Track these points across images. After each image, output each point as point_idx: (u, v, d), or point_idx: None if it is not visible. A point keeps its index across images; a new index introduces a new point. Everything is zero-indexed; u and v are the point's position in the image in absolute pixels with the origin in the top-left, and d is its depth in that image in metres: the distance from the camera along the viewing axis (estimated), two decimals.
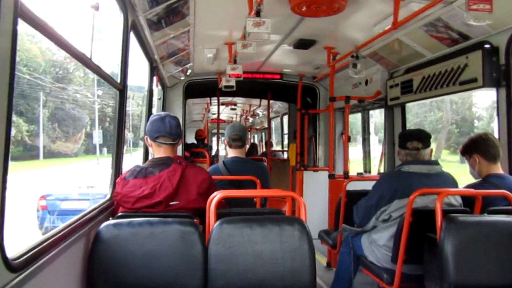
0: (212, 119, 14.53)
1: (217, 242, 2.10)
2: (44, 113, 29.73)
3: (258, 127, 15.44)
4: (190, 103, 10.26)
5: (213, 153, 8.92)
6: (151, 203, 2.34)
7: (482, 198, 2.66)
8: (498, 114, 3.10)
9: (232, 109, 11.82)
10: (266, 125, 13.40)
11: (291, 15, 3.37)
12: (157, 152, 2.56)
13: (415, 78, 4.04)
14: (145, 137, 2.61)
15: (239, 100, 10.16)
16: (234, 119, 13.98)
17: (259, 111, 11.39)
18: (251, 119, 13.89)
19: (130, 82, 2.99)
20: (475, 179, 3.01)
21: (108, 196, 2.60)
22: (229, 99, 9.72)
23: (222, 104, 10.23)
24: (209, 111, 10.15)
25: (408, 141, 3.01)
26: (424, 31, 3.49)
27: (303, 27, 3.93)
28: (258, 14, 2.87)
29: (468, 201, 2.82)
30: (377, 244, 3.00)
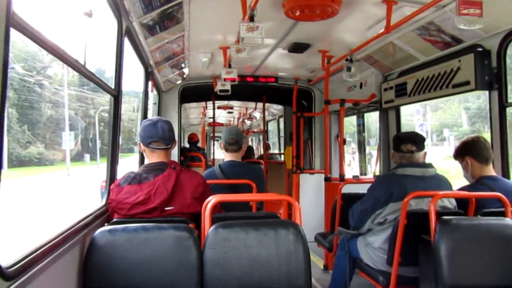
0: (209, 123, 14.55)
1: (212, 247, 2.10)
2: (11, 113, 24.53)
3: (256, 130, 15.46)
4: (187, 107, 10.27)
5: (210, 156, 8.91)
6: (146, 209, 2.34)
7: (475, 200, 2.68)
8: (490, 117, 3.13)
9: (229, 112, 11.83)
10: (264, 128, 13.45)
11: (285, 20, 3.40)
12: (151, 157, 2.56)
13: (409, 81, 4.07)
14: (138, 142, 2.61)
15: (235, 103, 10.17)
16: (232, 122, 13.97)
17: (256, 114, 11.40)
18: (248, 122, 13.89)
19: (125, 87, 3.00)
20: (468, 182, 3.04)
21: (103, 202, 2.60)
22: (225, 102, 9.73)
23: (219, 107, 10.23)
24: (205, 115, 10.15)
25: (402, 144, 3.03)
26: (417, 34, 3.51)
27: (297, 31, 3.96)
28: (251, 19, 2.89)
29: (462, 203, 2.84)
30: (373, 246, 3.02)
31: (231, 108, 10.80)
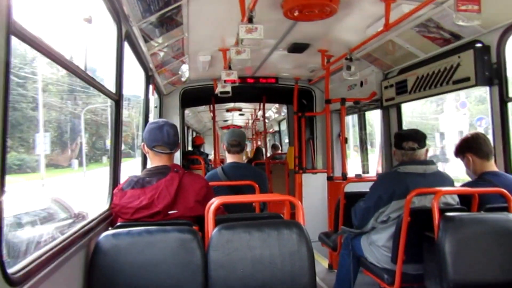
0: (223, 126, 14.60)
1: (216, 248, 2.11)
2: None
3: (270, 131, 15.43)
4: (195, 111, 10.24)
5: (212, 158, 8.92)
6: (150, 213, 2.34)
7: (478, 196, 2.68)
8: (491, 112, 3.12)
9: (240, 114, 11.81)
10: (276, 128, 13.46)
11: (284, 20, 3.40)
12: (154, 160, 2.56)
13: (409, 78, 4.07)
14: (142, 144, 2.62)
15: (244, 105, 10.13)
16: (248, 124, 13.96)
17: (269, 114, 11.36)
18: (260, 123, 13.88)
19: (126, 91, 3.01)
20: (470, 178, 3.04)
21: (106, 207, 2.61)
22: (230, 105, 9.72)
23: (228, 110, 10.20)
24: (214, 118, 10.03)
25: (404, 142, 3.03)
26: (416, 31, 3.52)
27: (296, 31, 3.96)
28: (250, 20, 2.90)
29: (465, 199, 2.84)
30: (377, 245, 3.02)
31: (240, 109, 10.79)
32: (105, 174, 2.89)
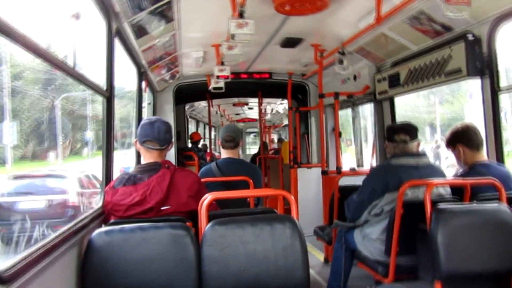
0: (238, 120, 14.63)
1: (209, 244, 2.11)
2: None
3: (278, 124, 15.37)
4: (200, 107, 10.22)
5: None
6: (143, 209, 2.34)
7: (470, 187, 2.70)
8: (483, 103, 3.13)
9: (249, 108, 11.77)
10: (286, 122, 13.43)
11: (275, 15, 3.39)
12: (145, 156, 2.56)
13: (402, 71, 4.07)
14: (135, 140, 2.61)
15: (251, 99, 10.12)
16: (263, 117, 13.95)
17: (278, 108, 11.33)
18: (269, 117, 13.85)
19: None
20: (462, 169, 3.06)
21: (99, 204, 2.60)
22: (235, 99, 9.70)
23: (234, 104, 10.16)
24: (218, 113, 9.97)
25: (396, 134, 3.04)
26: (408, 24, 3.52)
27: (288, 25, 3.95)
28: (241, 15, 2.89)
29: (457, 191, 2.86)
30: (370, 238, 3.03)
31: (247, 104, 10.75)
32: (83, 167, 2.86)
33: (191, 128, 11.63)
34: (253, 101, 10.40)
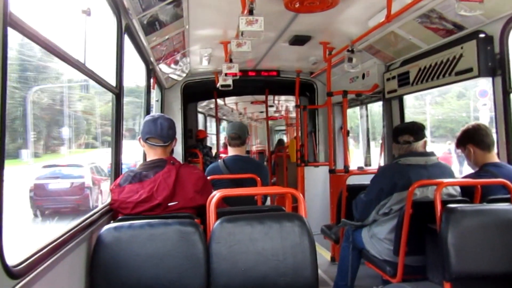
0: (266, 117, 14.62)
1: (218, 241, 2.11)
2: None
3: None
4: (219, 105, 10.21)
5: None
6: (150, 206, 2.35)
7: (480, 188, 2.67)
8: (494, 103, 3.09)
9: (270, 106, 11.75)
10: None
11: (285, 12, 3.37)
12: (149, 153, 2.57)
13: (411, 70, 4.03)
14: (139, 138, 2.62)
15: (270, 97, 10.04)
16: (289, 114, 13.88)
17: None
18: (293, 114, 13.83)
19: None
20: (472, 170, 3.02)
21: (109, 200, 2.61)
22: (249, 97, 9.67)
23: (252, 103, 10.13)
24: (215, 110, 9.90)
25: (399, 136, 3.03)
26: (419, 22, 3.48)
27: (297, 23, 3.93)
28: (251, 12, 2.88)
29: (467, 191, 2.83)
30: (378, 237, 3.01)
31: (263, 102, 10.72)
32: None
33: (211, 127, 11.62)
34: (271, 99, 10.35)
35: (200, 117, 8.80)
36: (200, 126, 9.11)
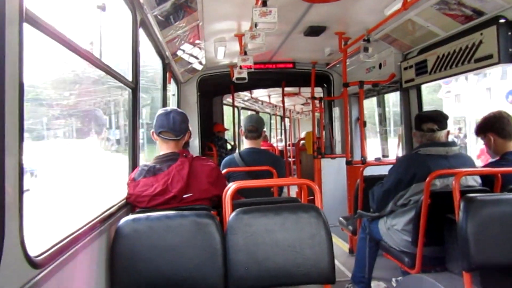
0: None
1: (234, 232, 2.13)
2: None
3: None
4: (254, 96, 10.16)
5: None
6: (165, 198, 2.38)
7: (501, 177, 2.61)
8: None
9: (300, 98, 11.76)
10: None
11: (299, 3, 3.35)
12: (162, 147, 2.60)
13: (429, 58, 3.96)
14: (152, 131, 2.65)
15: (296, 89, 10.01)
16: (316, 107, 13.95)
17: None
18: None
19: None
20: (492, 158, 2.96)
21: (127, 193, 2.65)
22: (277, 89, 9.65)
23: (285, 95, 10.16)
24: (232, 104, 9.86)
25: (423, 123, 2.97)
26: (436, 9, 3.41)
27: (312, 14, 3.90)
28: (264, 3, 2.87)
29: (487, 181, 2.78)
30: (395, 229, 2.98)
31: (297, 94, 10.67)
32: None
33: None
34: (304, 91, 10.29)
35: (233, 111, 8.74)
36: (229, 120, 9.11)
